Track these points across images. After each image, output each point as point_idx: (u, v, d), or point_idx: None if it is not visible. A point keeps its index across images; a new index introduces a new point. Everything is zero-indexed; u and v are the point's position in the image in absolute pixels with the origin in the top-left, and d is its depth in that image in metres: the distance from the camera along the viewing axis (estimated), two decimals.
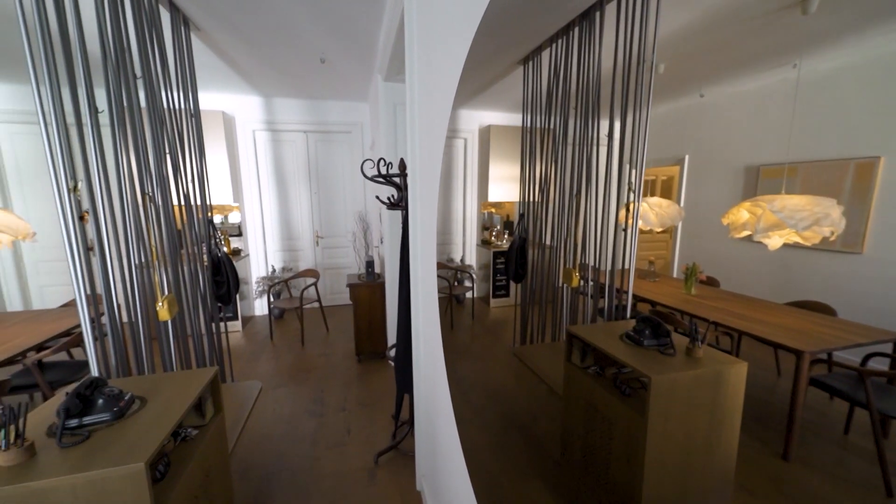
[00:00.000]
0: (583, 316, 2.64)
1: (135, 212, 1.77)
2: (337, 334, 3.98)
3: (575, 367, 1.82)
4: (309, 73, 3.54)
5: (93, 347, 1.52)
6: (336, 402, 2.65)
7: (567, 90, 2.62)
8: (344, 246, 4.94)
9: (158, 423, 1.16)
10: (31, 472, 0.96)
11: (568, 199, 2.60)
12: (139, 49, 1.91)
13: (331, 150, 4.74)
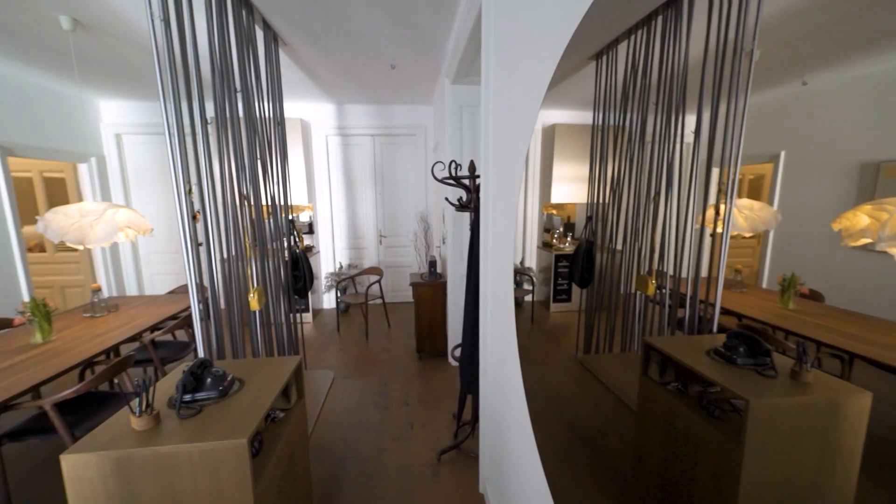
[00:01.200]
0: (658, 327, 2.45)
1: (234, 211, 1.97)
2: (398, 330, 4.12)
3: (653, 382, 1.69)
4: (379, 80, 3.70)
5: (200, 331, 1.73)
6: (399, 397, 2.74)
7: (646, 85, 2.45)
8: (405, 245, 5.09)
9: (255, 404, 1.28)
10: (158, 438, 1.11)
11: (644, 200, 2.43)
12: (239, 65, 2.13)
13: (395, 152, 4.91)
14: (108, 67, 3.26)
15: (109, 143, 4.39)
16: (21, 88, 3.44)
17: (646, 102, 2.63)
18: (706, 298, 2.05)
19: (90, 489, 1.06)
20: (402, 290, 5.17)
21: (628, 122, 2.80)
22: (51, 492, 1.91)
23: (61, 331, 2.36)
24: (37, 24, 2.45)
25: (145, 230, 2.59)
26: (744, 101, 1.80)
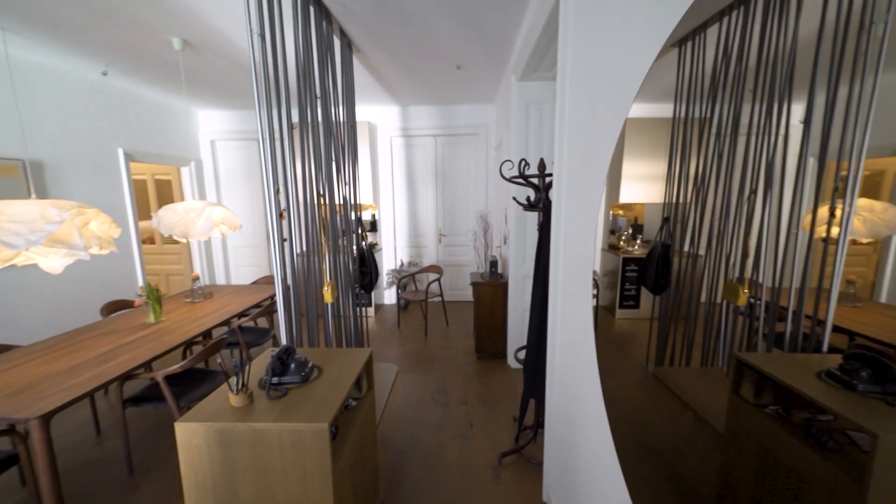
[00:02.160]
0: (749, 341, 2.21)
1: (312, 210, 2.12)
2: (456, 329, 4.15)
3: (746, 403, 1.52)
4: (444, 80, 3.75)
5: (284, 319, 1.88)
6: (458, 395, 2.75)
7: (741, 71, 2.21)
8: (464, 244, 5.11)
9: (333, 391, 1.36)
10: (252, 415, 1.22)
11: (736, 200, 2.19)
12: (319, 73, 2.27)
13: (456, 152, 4.94)
14: (207, 81, 3.67)
15: (206, 148, 4.96)
16: (140, 102, 4.00)
17: (740, 90, 2.37)
18: (814, 313, 1.79)
19: (197, 454, 1.20)
20: (460, 289, 5.21)
21: (717, 113, 2.55)
22: (159, 452, 2.21)
23: (168, 313, 2.71)
24: (154, 46, 2.83)
25: (235, 226, 2.87)
26: (872, 83, 1.55)
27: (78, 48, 2.87)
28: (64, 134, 3.24)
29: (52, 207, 1.68)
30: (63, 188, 3.20)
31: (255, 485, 1.21)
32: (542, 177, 1.94)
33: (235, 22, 2.47)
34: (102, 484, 1.97)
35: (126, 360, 1.94)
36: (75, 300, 3.31)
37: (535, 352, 1.91)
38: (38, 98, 3.05)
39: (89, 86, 3.46)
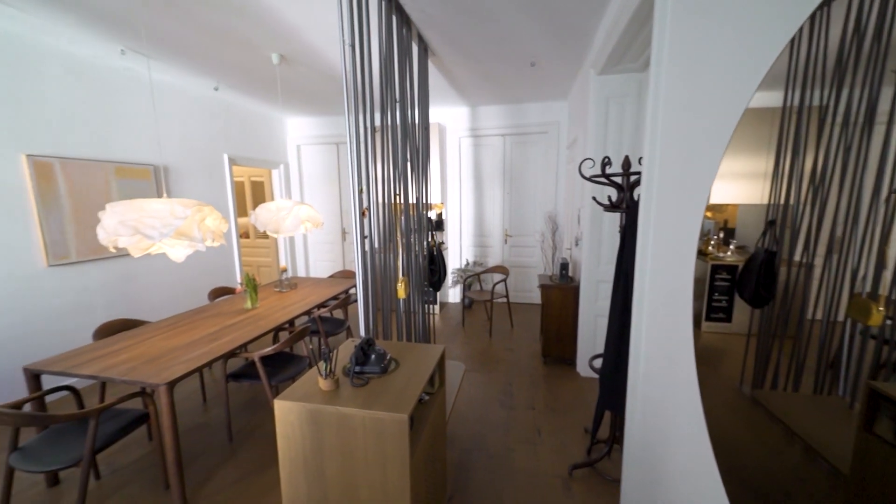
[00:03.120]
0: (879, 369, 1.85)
1: (389, 209, 2.22)
2: (520, 331, 4.07)
3: (884, 444, 1.28)
4: (516, 79, 3.69)
5: (363, 312, 2.00)
6: (524, 399, 2.70)
7: (878, 49, 1.86)
8: (531, 245, 5.00)
9: (410, 384, 1.41)
10: (339, 399, 1.31)
11: (870, 201, 1.85)
12: (399, 78, 2.37)
13: (525, 151, 4.85)
14: (297, 91, 4.03)
15: (292, 152, 5.44)
16: (241, 113, 4.52)
17: (878, 72, 2.01)
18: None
19: (291, 430, 1.32)
20: (525, 291, 5.10)
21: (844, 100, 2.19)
22: (253, 423, 2.47)
23: (261, 300, 3.02)
24: (256, 62, 3.17)
25: (318, 223, 3.11)
26: None
27: (197, 68, 3.33)
28: (184, 142, 3.78)
29: (179, 205, 1.95)
30: (182, 188, 3.73)
31: (339, 465, 1.29)
32: (627, 175, 1.82)
33: (325, 36, 2.67)
34: (208, 446, 2.26)
35: (230, 341, 2.20)
36: (188, 285, 3.84)
37: (614, 362, 1.79)
38: (168, 112, 3.59)
39: (204, 100, 3.99)
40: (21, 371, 2.58)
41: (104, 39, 2.73)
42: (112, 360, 1.93)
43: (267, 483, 1.95)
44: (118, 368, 1.85)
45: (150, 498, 1.87)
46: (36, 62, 2.64)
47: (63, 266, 2.82)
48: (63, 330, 2.82)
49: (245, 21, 2.45)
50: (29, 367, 1.85)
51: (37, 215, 2.65)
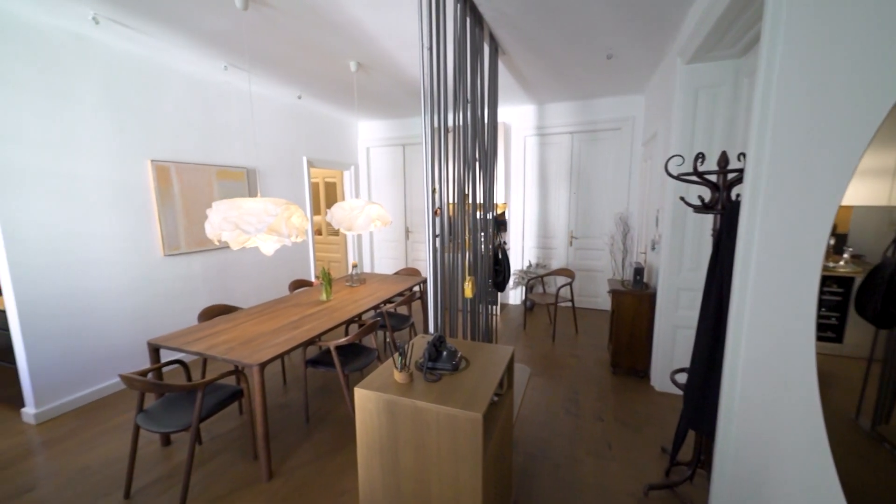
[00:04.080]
0: None
1: (460, 209, 2.24)
2: (586, 338, 3.88)
3: None
4: (589, 73, 3.53)
5: (433, 309, 2.05)
6: (592, 409, 2.57)
7: None
8: (598, 248, 4.75)
9: (482, 383, 1.41)
10: (413, 393, 1.35)
11: None
12: (471, 78, 2.38)
13: (595, 149, 4.61)
14: (371, 96, 4.24)
15: (362, 154, 5.74)
16: (319, 118, 4.86)
17: None
18: None
19: (369, 418, 1.39)
20: (590, 296, 4.86)
21: None
22: (326, 408, 2.65)
23: (335, 293, 3.22)
24: (335, 70, 3.39)
25: (387, 222, 3.24)
26: None
27: (285, 79, 3.64)
28: (271, 147, 4.16)
29: (271, 204, 2.15)
30: (267, 189, 4.11)
31: (413, 456, 1.33)
32: (723, 173, 1.64)
33: (399, 41, 2.77)
34: (287, 425, 2.46)
35: (309, 329, 2.38)
36: (270, 276, 4.22)
37: (703, 379, 1.63)
38: (258, 120, 3.98)
39: (288, 108, 4.36)
40: (145, 344, 3.03)
41: (211, 57, 3.10)
42: (214, 340, 2.19)
43: (340, 465, 2.08)
44: (219, 348, 2.09)
45: (241, 465, 2.09)
46: (159, 80, 3.07)
47: (175, 256, 3.25)
48: (173, 311, 3.26)
49: (330, 33, 2.63)
50: (151, 341, 2.16)
51: (157, 212, 3.09)
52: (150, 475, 2.01)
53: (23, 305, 2.40)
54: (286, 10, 2.31)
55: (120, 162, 2.85)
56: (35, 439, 2.33)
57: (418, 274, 4.07)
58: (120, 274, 2.89)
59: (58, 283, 2.55)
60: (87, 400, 2.72)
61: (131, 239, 2.95)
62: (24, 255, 2.39)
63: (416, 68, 3.36)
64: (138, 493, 1.89)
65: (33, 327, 2.45)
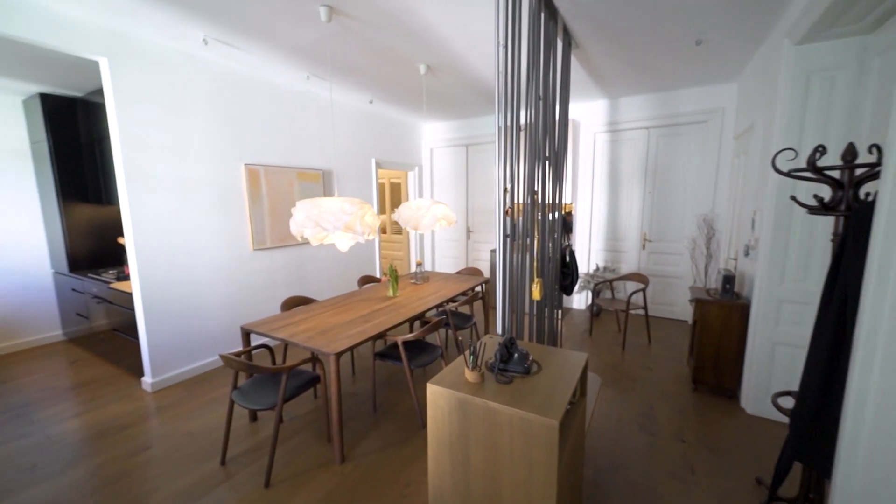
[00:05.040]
0: None
1: (530, 208, 2.19)
2: (660, 349, 3.59)
3: None
4: (672, 63, 3.26)
5: (500, 310, 2.03)
6: (670, 428, 2.36)
7: None
8: (676, 252, 4.36)
9: (556, 389, 1.36)
10: (485, 393, 1.35)
11: None
12: (543, 74, 2.32)
13: (675, 144, 4.24)
14: (437, 97, 4.32)
15: (426, 155, 5.87)
16: (387, 121, 5.06)
17: None
18: None
19: (441, 414, 1.41)
20: (665, 304, 4.48)
21: None
22: (392, 399, 2.75)
23: (401, 290, 3.33)
24: (406, 74, 3.50)
25: (452, 222, 3.27)
26: None
27: (359, 85, 3.85)
28: (343, 149, 4.42)
29: (347, 203, 2.27)
30: (339, 189, 4.37)
31: (484, 456, 1.33)
32: (850, 169, 1.41)
33: (469, 42, 2.78)
34: (357, 413, 2.59)
35: (378, 323, 2.48)
36: (339, 271, 4.49)
37: (817, 404, 1.42)
38: (335, 125, 4.25)
39: (360, 112, 4.60)
40: (236, 328, 3.39)
41: (296, 68, 3.37)
42: (295, 329, 2.37)
43: (405, 457, 2.14)
44: (300, 336, 2.26)
45: (316, 446, 2.24)
46: (252, 92, 3.41)
47: (261, 251, 3.59)
48: (257, 300, 3.60)
49: (403, 38, 2.72)
50: (244, 326, 2.40)
51: (248, 210, 3.43)
52: (241, 447, 2.24)
53: (145, 290, 2.81)
54: (364, 18, 2.43)
55: (220, 166, 3.21)
56: (151, 405, 2.71)
57: (480, 274, 4.06)
58: (217, 265, 3.26)
59: (170, 271, 2.94)
60: (190, 374, 3.11)
61: (227, 234, 3.31)
62: (147, 245, 2.80)
63: (484, 68, 3.35)
64: (231, 462, 2.12)
65: (152, 309, 2.85)
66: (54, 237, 3.69)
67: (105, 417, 2.55)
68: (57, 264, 3.76)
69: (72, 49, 2.37)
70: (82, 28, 2.39)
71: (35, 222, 3.76)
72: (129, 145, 2.66)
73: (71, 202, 3.56)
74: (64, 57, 2.66)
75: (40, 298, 3.82)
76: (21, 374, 3.19)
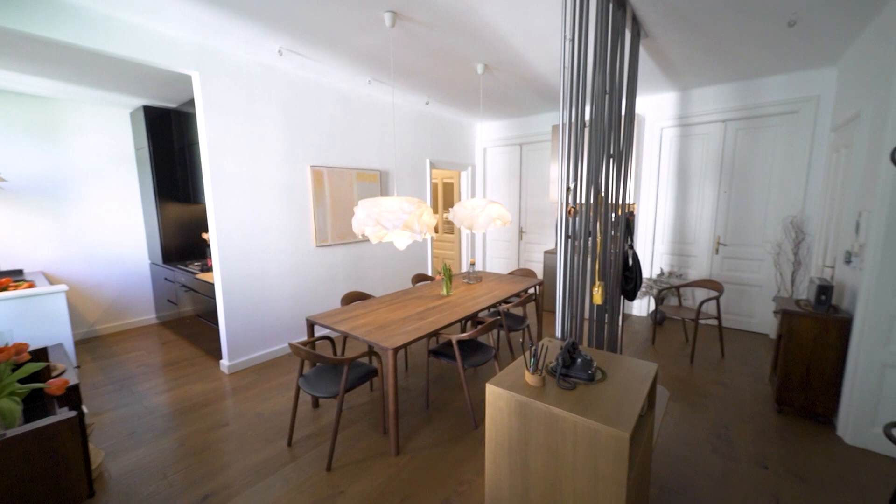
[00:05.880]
0: None
1: (594, 208, 2.10)
2: (735, 364, 3.26)
3: None
4: (758, 48, 2.94)
5: (560, 314, 1.96)
6: (750, 452, 2.14)
7: None
8: (755, 258, 3.94)
9: (625, 399, 1.28)
10: (547, 397, 1.31)
11: None
12: (610, 67, 2.20)
13: (757, 138, 3.83)
14: (492, 97, 4.29)
15: (479, 154, 5.86)
16: (441, 122, 5.12)
17: None
18: None
19: (500, 415, 1.39)
20: (742, 315, 4.07)
21: None
22: (444, 397, 2.77)
23: (454, 289, 3.35)
24: (462, 74, 3.51)
25: (507, 222, 3.22)
26: None
27: (417, 86, 3.93)
28: (399, 150, 4.54)
29: (406, 202, 2.33)
30: (395, 189, 4.49)
31: (545, 462, 1.29)
32: None
33: (529, 38, 2.73)
34: (409, 408, 2.65)
35: (433, 321, 2.51)
36: (395, 269, 4.62)
37: None
38: (390, 127, 4.39)
39: (416, 113, 4.70)
40: (300, 319, 3.62)
41: (358, 74, 3.52)
42: (355, 322, 2.48)
43: (458, 455, 2.15)
44: (360, 329, 2.35)
45: (373, 436, 2.32)
46: (318, 98, 3.62)
47: (323, 247, 3.80)
48: (317, 294, 3.82)
49: (463, 38, 2.73)
50: (309, 318, 2.55)
51: (312, 209, 3.65)
52: (304, 430, 2.39)
53: (225, 281, 3.09)
54: (426, 21, 2.48)
55: (289, 167, 3.45)
56: (227, 385, 2.98)
57: (534, 276, 3.96)
58: (285, 260, 3.50)
59: (244, 264, 3.21)
60: (260, 360, 3.37)
61: (293, 231, 3.54)
62: (227, 240, 3.07)
63: (542, 64, 3.26)
64: (297, 444, 2.26)
65: (230, 298, 3.14)
66: (151, 232, 4.19)
67: (190, 394, 2.85)
68: (153, 256, 4.27)
69: (169, 65, 2.67)
70: (178, 46, 2.69)
71: (136, 218, 4.30)
72: (215, 150, 2.94)
73: (165, 201, 4.03)
74: (163, 73, 3.01)
75: (139, 286, 4.36)
76: (123, 351, 3.67)
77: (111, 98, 3.77)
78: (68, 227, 3.87)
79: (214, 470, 2.05)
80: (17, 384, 1.30)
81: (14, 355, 1.32)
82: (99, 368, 3.30)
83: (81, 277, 3.98)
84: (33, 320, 2.42)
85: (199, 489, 1.92)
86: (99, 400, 2.78)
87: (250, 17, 2.44)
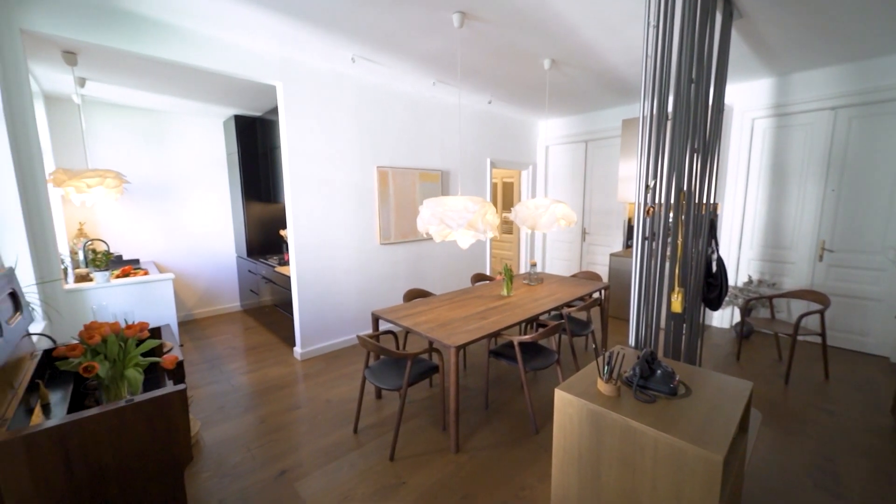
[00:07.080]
0: None
1: (675, 208, 1.93)
2: (844, 389, 2.82)
3: None
4: (879, 20, 2.51)
5: (634, 320, 1.84)
6: (864, 492, 1.83)
7: None
8: (873, 268, 3.37)
9: (714, 417, 1.16)
10: (623, 409, 1.23)
11: None
12: (697, 53, 2.01)
13: (877, 127, 3.27)
14: (559, 92, 4.14)
15: (540, 153, 5.70)
16: (502, 120, 5.06)
17: None
18: None
19: (569, 423, 1.33)
20: (853, 333, 3.51)
21: None
22: (504, 398, 2.74)
23: (514, 290, 3.29)
24: (527, 70, 3.43)
25: (572, 222, 3.09)
26: None
27: (480, 85, 3.92)
28: (461, 150, 4.57)
29: (470, 202, 2.33)
30: (456, 189, 4.53)
31: (618, 477, 1.21)
32: None
33: (601, 28, 2.59)
34: (469, 407, 2.65)
35: (494, 322, 2.49)
36: (454, 268, 4.66)
37: None
38: (452, 127, 4.43)
39: (478, 113, 4.70)
40: (366, 313, 3.79)
41: (424, 76, 3.60)
42: (418, 319, 2.54)
43: (518, 459, 2.11)
44: (422, 326, 2.41)
45: (432, 432, 2.36)
46: (386, 101, 3.77)
47: (387, 245, 3.95)
48: (380, 290, 3.97)
49: (530, 33, 2.67)
50: (374, 312, 2.67)
51: (377, 208, 3.81)
52: (369, 419, 2.50)
53: (300, 275, 3.34)
54: (495, 19, 2.45)
55: (358, 168, 3.63)
56: (300, 371, 3.22)
57: (599, 279, 3.76)
58: (352, 257, 3.69)
59: (317, 259, 3.44)
60: (329, 350, 3.60)
61: (360, 229, 3.72)
62: (302, 237, 3.32)
63: (616, 55, 3.08)
64: (362, 431, 2.37)
65: (304, 291, 3.38)
66: (238, 228, 4.66)
67: (268, 377, 3.12)
68: (239, 250, 4.75)
69: (258, 77, 2.94)
70: (265, 59, 2.95)
71: (226, 216, 4.81)
72: (294, 153, 3.19)
73: (250, 200, 4.45)
74: (251, 84, 3.32)
75: (227, 276, 4.88)
76: (213, 335, 4.12)
77: (209, 109, 4.25)
78: (172, 222, 4.44)
79: (289, 448, 2.22)
80: (140, 357, 1.51)
81: (138, 332, 1.55)
82: (195, 348, 3.75)
83: (182, 267, 4.54)
84: (148, 303, 2.81)
85: (276, 465, 2.09)
86: (195, 376, 3.15)
87: (328, 27, 2.60)
